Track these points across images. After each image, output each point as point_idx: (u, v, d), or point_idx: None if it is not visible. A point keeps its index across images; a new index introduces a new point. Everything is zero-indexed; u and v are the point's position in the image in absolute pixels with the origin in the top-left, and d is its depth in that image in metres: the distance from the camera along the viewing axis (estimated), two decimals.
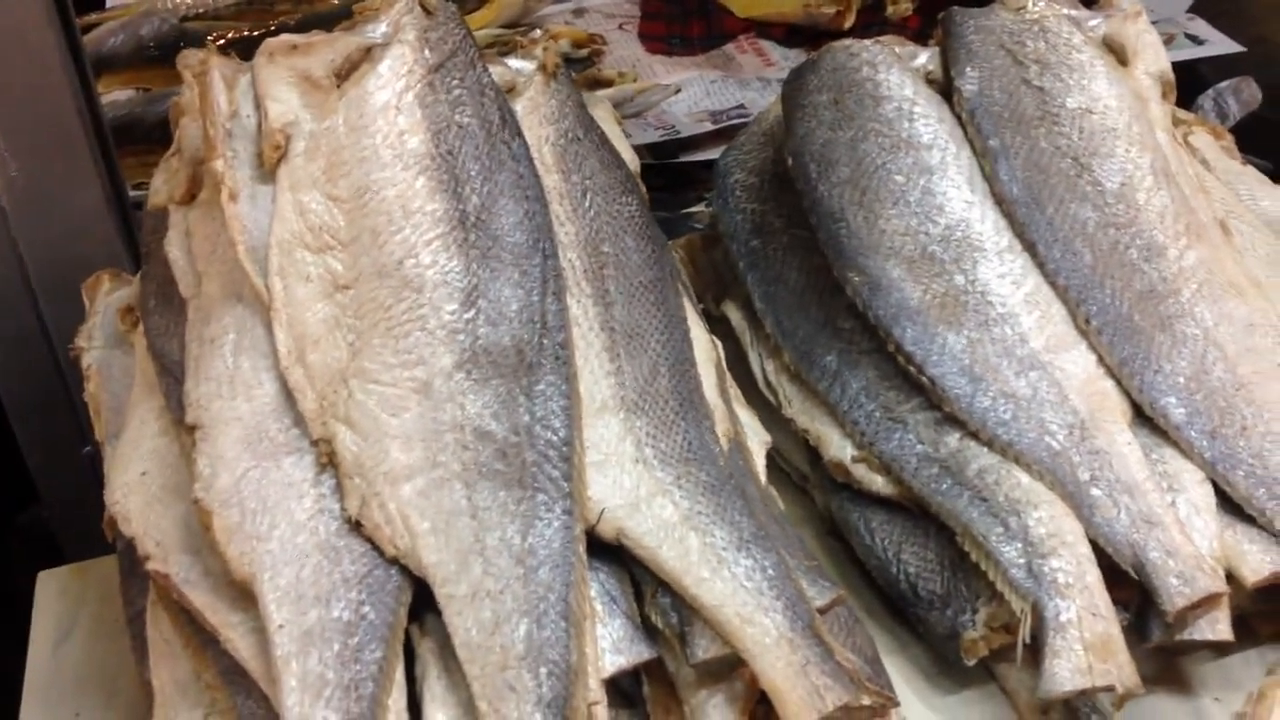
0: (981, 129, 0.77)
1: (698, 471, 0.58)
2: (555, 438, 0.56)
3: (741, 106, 1.13)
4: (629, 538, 0.56)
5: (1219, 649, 0.65)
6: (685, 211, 1.01)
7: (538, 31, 1.18)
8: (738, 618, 0.53)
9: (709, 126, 1.10)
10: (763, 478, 0.65)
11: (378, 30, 0.61)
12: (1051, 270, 0.73)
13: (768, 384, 0.78)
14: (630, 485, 0.57)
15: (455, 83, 0.61)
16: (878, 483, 0.70)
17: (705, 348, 0.66)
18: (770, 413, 0.76)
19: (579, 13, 1.30)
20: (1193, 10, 1.19)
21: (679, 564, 0.55)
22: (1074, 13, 0.81)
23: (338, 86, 0.59)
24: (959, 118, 0.78)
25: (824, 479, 0.74)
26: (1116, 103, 0.77)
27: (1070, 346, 0.71)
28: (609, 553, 0.57)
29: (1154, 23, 1.18)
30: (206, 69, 0.59)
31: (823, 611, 0.56)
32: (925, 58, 0.81)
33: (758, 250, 0.81)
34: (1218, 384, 0.69)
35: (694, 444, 0.59)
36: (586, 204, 0.65)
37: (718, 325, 0.81)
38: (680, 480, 0.57)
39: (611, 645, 0.53)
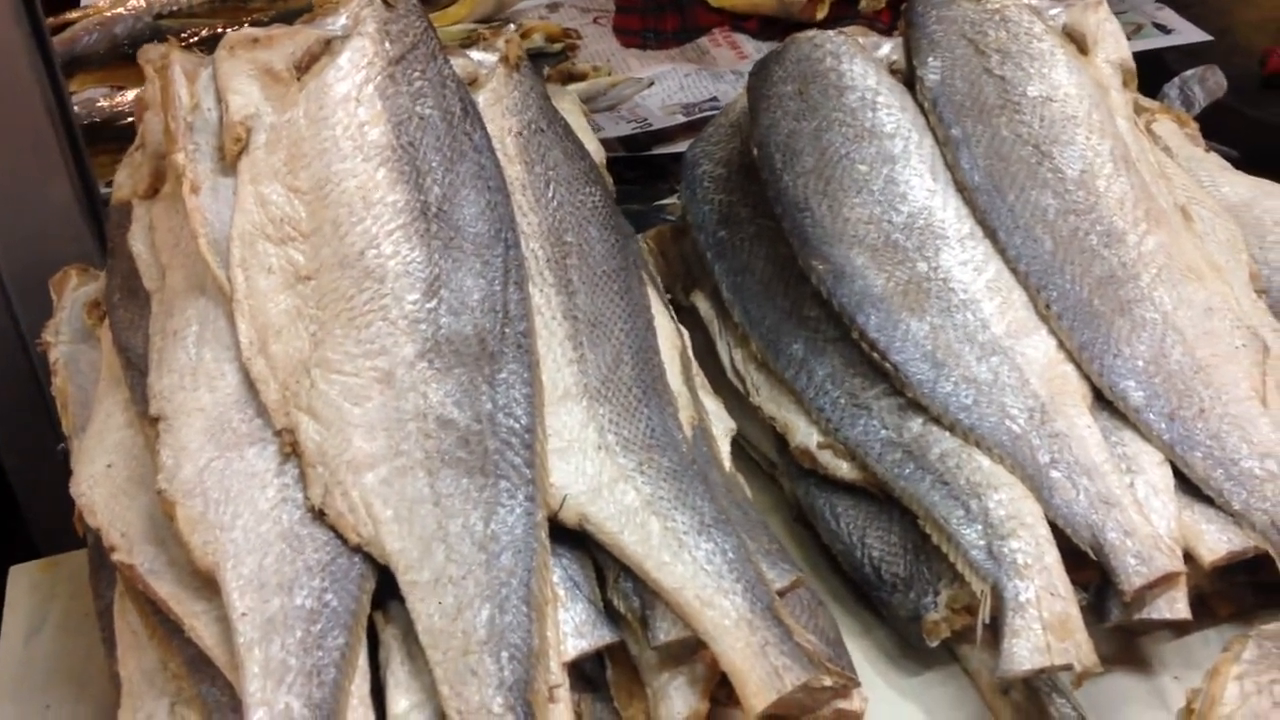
0: (943, 118, 0.78)
1: (660, 458, 0.59)
2: (517, 425, 0.56)
3: (714, 99, 1.14)
4: (591, 523, 0.56)
5: (1178, 628, 0.66)
6: (658, 203, 1.02)
7: (511, 26, 1.18)
8: (698, 600, 0.54)
9: (681, 119, 1.10)
10: (727, 464, 0.65)
11: (338, 23, 0.61)
12: (1012, 256, 0.74)
13: (736, 372, 0.79)
14: (593, 471, 0.58)
15: (416, 74, 0.61)
16: (843, 468, 0.71)
17: (669, 336, 0.67)
18: (739, 401, 0.77)
19: (554, 7, 1.31)
20: (1161, 0, 1.20)
21: (640, 548, 0.55)
22: (1035, 2, 0.81)
23: (298, 79, 0.60)
24: (922, 107, 0.79)
25: (791, 466, 0.74)
26: (1077, 91, 0.78)
27: (1031, 331, 0.71)
28: (572, 538, 0.58)
29: (1122, 12, 1.20)
30: (168, 63, 0.59)
31: (783, 594, 0.57)
32: (889, 48, 0.82)
33: (725, 240, 0.82)
34: (1176, 367, 0.70)
35: (657, 431, 0.60)
36: (549, 194, 0.65)
37: (687, 315, 0.82)
38: (643, 466, 0.58)
39: (574, 629, 0.54)
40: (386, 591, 0.55)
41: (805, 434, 0.73)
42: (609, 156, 1.07)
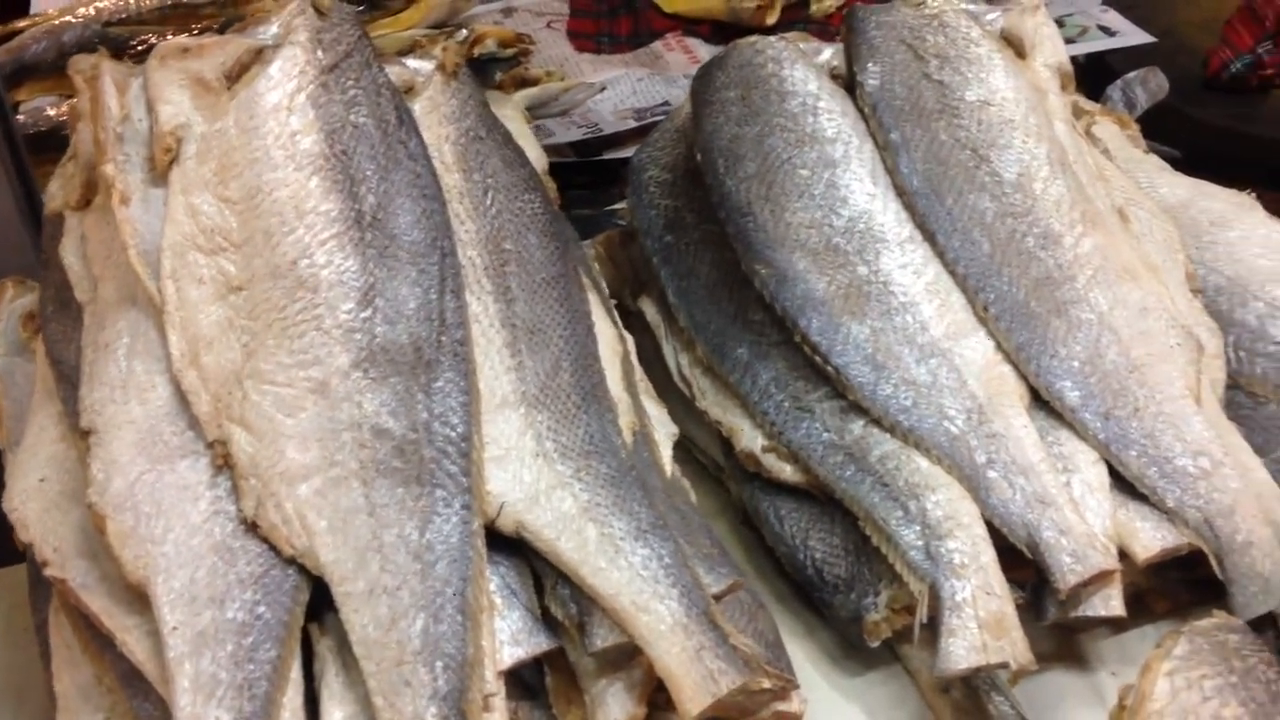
0: (883, 122, 0.78)
1: (598, 464, 0.59)
2: (454, 434, 0.56)
3: (666, 104, 1.14)
4: (529, 531, 0.57)
5: (1115, 625, 0.67)
6: (609, 208, 1.02)
7: (464, 31, 1.18)
8: (633, 606, 0.54)
9: (633, 124, 1.10)
10: (668, 469, 0.66)
11: (269, 32, 0.61)
12: (951, 259, 0.74)
13: (682, 377, 0.79)
14: (530, 479, 0.58)
15: (350, 83, 0.61)
16: (786, 471, 0.71)
17: (611, 342, 0.67)
18: (686, 406, 0.77)
19: (508, 12, 1.31)
20: (1106, 3, 1.22)
21: (577, 555, 0.55)
22: (973, 7, 0.82)
23: (229, 89, 0.60)
24: (862, 112, 0.79)
25: (737, 469, 0.75)
26: (1014, 95, 0.79)
27: (969, 333, 0.72)
28: (510, 546, 0.58)
29: (1069, 15, 1.21)
30: (97, 74, 0.59)
31: (720, 597, 0.57)
32: (830, 53, 0.83)
33: (671, 245, 0.82)
34: (1111, 367, 0.71)
35: (595, 437, 0.60)
36: (488, 202, 0.65)
37: (635, 320, 0.82)
38: (580, 473, 0.58)
39: (510, 637, 0.54)
40: (323, 603, 0.54)
41: (750, 437, 0.73)
42: (560, 161, 1.08)
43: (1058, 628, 0.66)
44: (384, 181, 0.60)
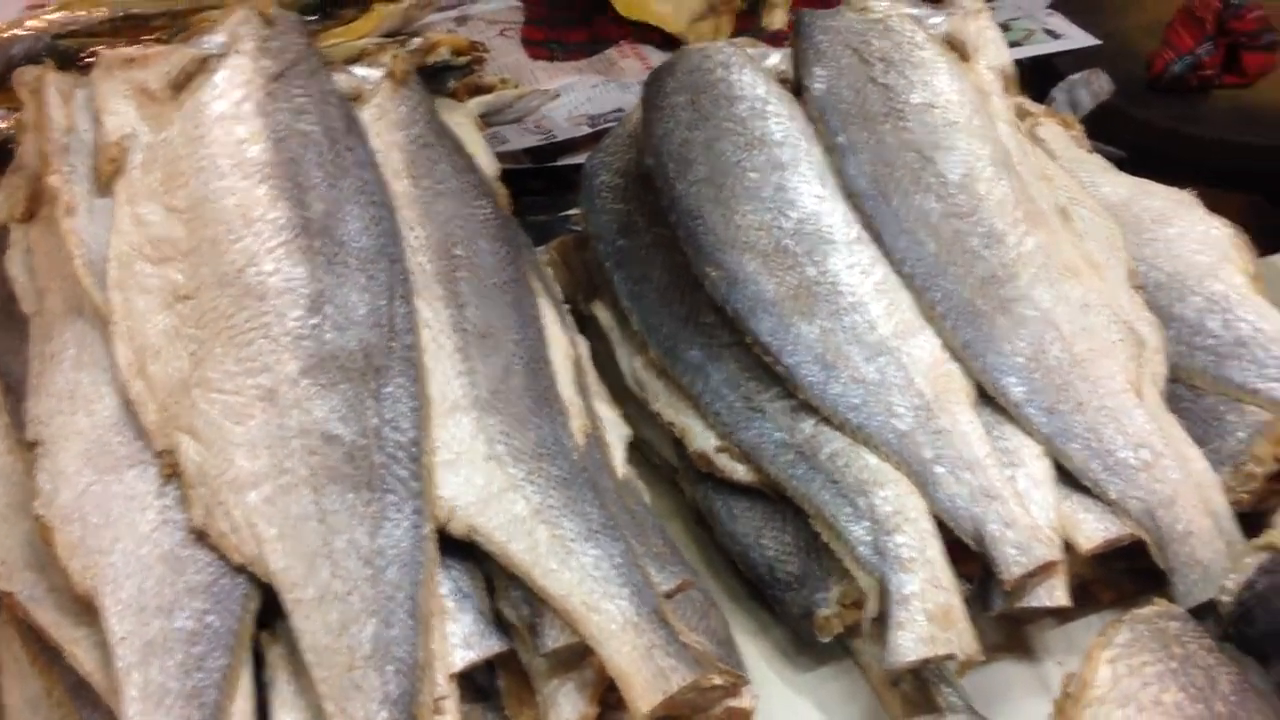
0: (830, 126, 0.79)
1: (550, 467, 0.60)
2: (404, 439, 0.57)
3: (620, 110, 1.15)
4: (480, 534, 0.57)
5: (1061, 615, 0.68)
6: (563, 214, 1.02)
7: (417, 40, 1.18)
8: (584, 606, 0.54)
9: (587, 130, 1.11)
10: (621, 470, 0.66)
11: (215, 41, 0.61)
12: (898, 259, 0.76)
13: (635, 380, 0.79)
14: (482, 483, 0.58)
15: (297, 91, 0.62)
16: (739, 471, 0.72)
17: (562, 346, 0.68)
18: (641, 408, 0.78)
19: (462, 20, 1.31)
20: (1052, 6, 1.24)
21: (528, 557, 0.56)
22: (917, 12, 0.84)
23: (175, 98, 0.60)
24: (810, 116, 0.80)
25: (691, 470, 0.76)
26: (958, 97, 0.81)
27: (917, 332, 0.73)
28: (462, 550, 0.58)
29: (1016, 19, 1.23)
30: (41, 85, 0.59)
31: (671, 595, 0.58)
32: (778, 58, 0.84)
33: (624, 249, 0.83)
34: (1055, 362, 0.72)
35: (547, 440, 0.61)
36: (438, 208, 0.66)
37: (590, 324, 0.83)
38: (532, 476, 0.59)
39: (462, 640, 0.54)
40: (275, 611, 0.55)
41: (703, 438, 0.74)
42: (515, 168, 1.08)
43: (1005, 619, 0.67)
44: (332, 189, 0.60)
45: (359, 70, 0.67)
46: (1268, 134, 1.04)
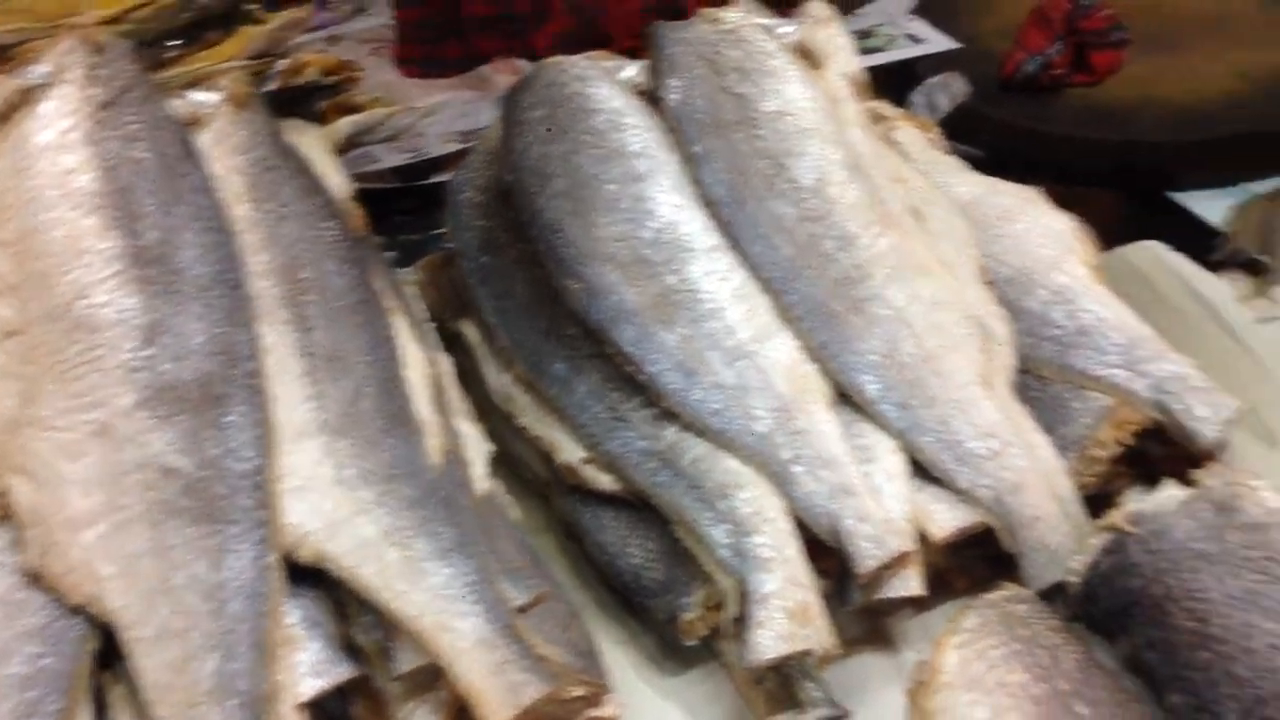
0: (686, 135, 0.81)
1: (402, 487, 0.60)
2: (247, 468, 0.56)
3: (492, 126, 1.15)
4: (329, 559, 0.57)
5: (919, 605, 0.70)
6: (436, 232, 1.02)
7: (284, 61, 1.17)
8: (435, 626, 0.54)
9: (459, 146, 1.11)
10: (481, 487, 0.66)
11: (39, 71, 0.60)
12: (755, 265, 0.77)
13: (503, 395, 0.80)
14: (330, 508, 0.58)
15: (128, 118, 0.61)
16: (604, 481, 0.73)
17: (419, 365, 0.68)
18: (511, 423, 0.78)
19: (333, 40, 1.30)
20: (914, 12, 1.27)
21: (378, 580, 0.56)
22: (768, 22, 0.86)
23: None
24: (666, 126, 0.82)
25: (559, 483, 0.76)
26: (810, 104, 0.82)
27: (774, 335, 0.75)
28: (314, 577, 0.58)
29: (879, 25, 1.27)
30: None
31: (525, 610, 0.58)
32: (634, 70, 0.85)
33: (487, 266, 0.83)
34: (907, 359, 0.75)
35: (400, 461, 0.61)
36: (282, 231, 0.65)
37: (457, 341, 0.83)
38: (383, 498, 0.59)
39: (310, 669, 0.54)
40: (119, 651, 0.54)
41: (569, 450, 0.75)
42: (385, 187, 1.08)
43: (865, 611, 0.69)
44: (166, 216, 0.59)
45: (197, 95, 0.67)
46: (1117, 129, 1.08)
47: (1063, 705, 0.59)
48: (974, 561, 0.73)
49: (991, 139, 1.08)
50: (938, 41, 1.21)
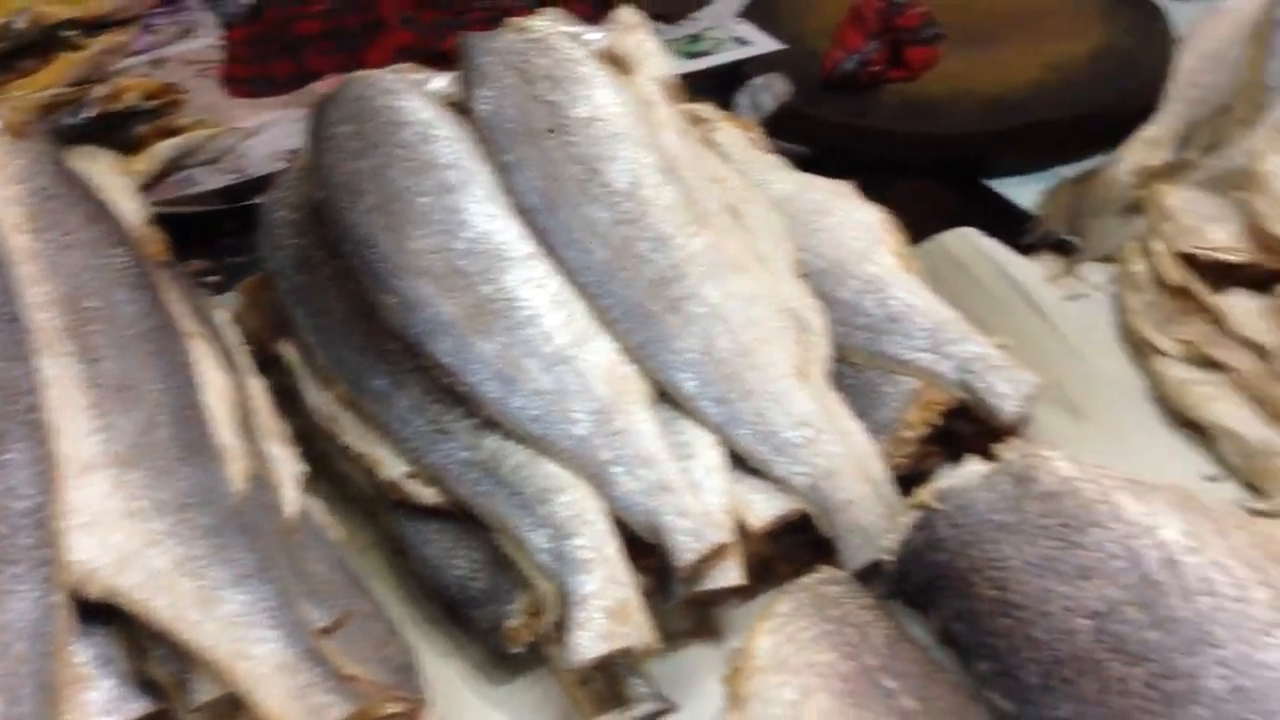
0: (498, 145, 0.81)
1: (197, 516, 0.58)
2: (26, 505, 0.54)
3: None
4: (120, 594, 0.55)
5: (744, 594, 0.71)
6: (259, 255, 1.00)
7: (102, 87, 1.13)
8: (231, 654, 0.53)
9: (285, 165, 1.09)
10: (290, 509, 0.65)
11: None
12: (571, 270, 0.78)
13: (326, 414, 0.79)
14: (120, 541, 0.56)
15: None
16: (428, 495, 0.73)
17: (220, 390, 0.66)
18: (335, 443, 0.77)
19: (158, 63, 1.26)
20: (742, 15, 1.30)
21: (171, 611, 0.54)
22: (575, 29, 0.87)
23: None
24: (478, 136, 0.82)
25: (385, 500, 0.75)
26: (621, 109, 0.83)
27: (592, 338, 0.75)
28: (108, 613, 0.56)
29: (708, 29, 1.29)
30: None
31: (331, 630, 0.57)
32: (443, 82, 0.85)
33: (303, 285, 0.82)
34: (724, 354, 0.76)
35: (195, 489, 0.59)
36: (66, 261, 0.63)
37: (279, 363, 0.82)
38: (176, 527, 0.57)
39: (102, 707, 0.52)
40: None
41: (392, 466, 0.74)
42: (209, 210, 1.06)
43: (691, 604, 0.70)
44: None
45: None
46: (933, 122, 1.12)
47: (870, 680, 0.61)
48: (797, 548, 0.74)
49: (816, 136, 1.11)
50: (764, 43, 1.24)
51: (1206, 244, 0.84)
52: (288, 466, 0.68)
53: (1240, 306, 0.81)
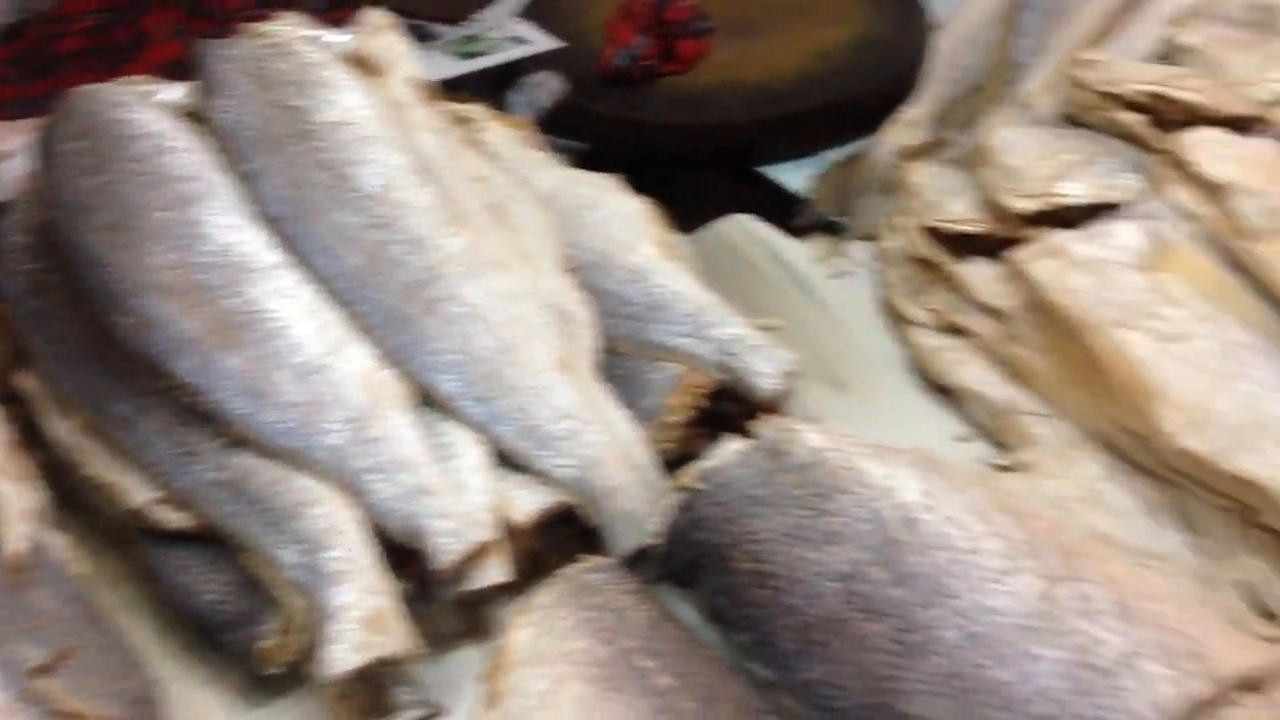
0: (241, 154, 0.79)
1: None
2: None
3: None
4: None
5: (514, 590, 0.71)
6: None
7: None
8: None
9: None
10: (16, 546, 0.62)
11: None
12: (324, 278, 0.76)
13: (67, 445, 0.75)
14: None
15: None
16: (175, 519, 0.70)
17: None
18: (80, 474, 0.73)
19: None
20: (522, 15, 1.30)
21: None
22: (317, 33, 0.85)
23: None
24: (218, 147, 0.79)
25: (136, 529, 0.72)
26: (370, 112, 0.82)
27: (347, 346, 0.74)
28: None
29: (487, 30, 1.28)
30: None
31: (50, 668, 0.55)
32: (179, 92, 0.82)
33: (41, 310, 0.78)
34: (485, 353, 0.75)
35: None
36: None
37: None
38: None
39: None
40: None
41: (139, 493, 0.71)
42: None
43: (462, 605, 0.70)
44: None
45: None
46: (706, 113, 1.14)
47: (627, 662, 0.61)
48: (569, 540, 0.75)
49: (595, 132, 1.12)
50: (542, 42, 1.24)
51: (946, 217, 0.88)
52: (17, 503, 0.64)
53: (979, 274, 0.85)
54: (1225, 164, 0.79)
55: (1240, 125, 0.82)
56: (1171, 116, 0.83)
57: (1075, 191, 0.81)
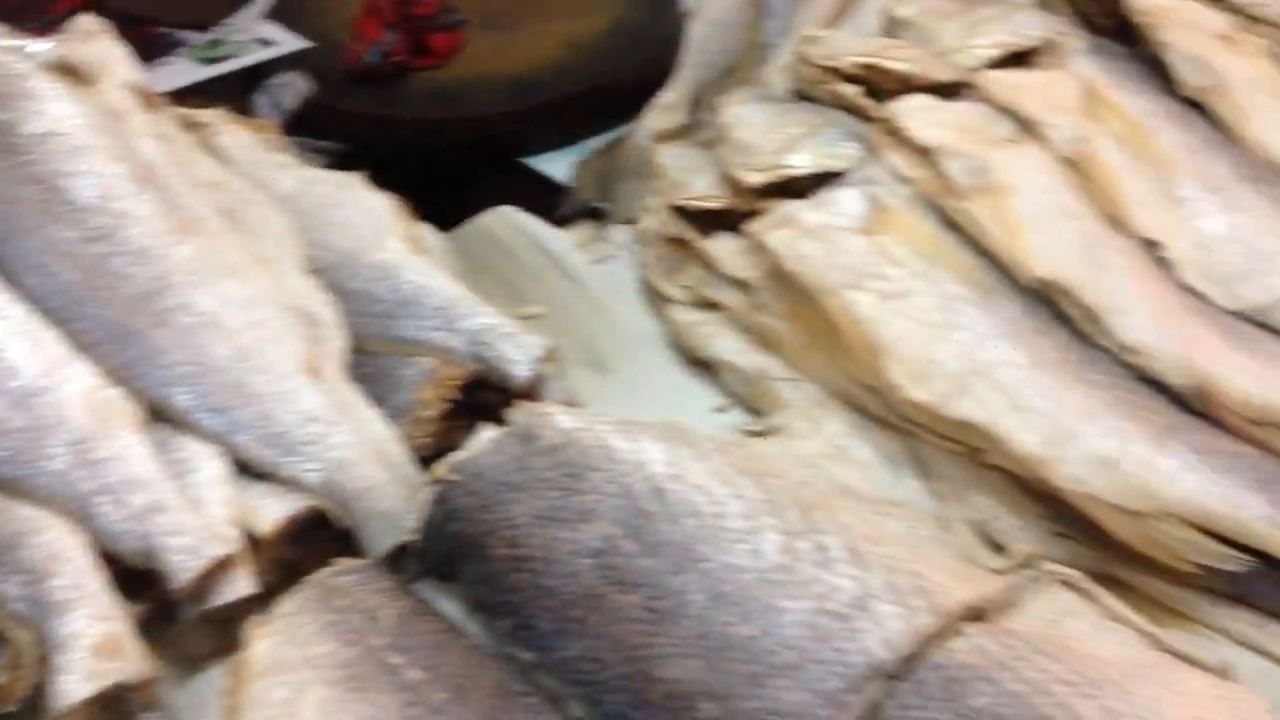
0: None
1: None
2: None
3: None
4: None
5: (266, 602, 0.69)
6: None
7: None
8: None
9: None
10: None
11: None
12: (37, 297, 0.72)
13: None
14: None
15: None
16: None
17: None
18: None
19: None
20: (268, 16, 1.26)
21: None
22: (18, 43, 0.80)
23: None
24: None
25: None
26: (84, 121, 0.78)
27: (67, 366, 0.71)
28: None
29: (233, 33, 1.24)
30: None
31: None
32: None
33: None
34: (223, 362, 0.73)
35: None
36: None
37: None
38: None
39: None
40: None
41: None
42: None
43: (210, 622, 0.67)
44: None
45: None
46: (462, 107, 1.14)
47: (375, 661, 0.61)
48: (328, 545, 0.73)
49: (349, 131, 1.10)
50: (289, 42, 1.20)
51: (690, 195, 0.90)
52: None
53: (725, 249, 0.88)
54: (934, 129, 0.84)
55: (948, 91, 0.88)
56: (887, 87, 0.88)
57: (800, 162, 0.85)
